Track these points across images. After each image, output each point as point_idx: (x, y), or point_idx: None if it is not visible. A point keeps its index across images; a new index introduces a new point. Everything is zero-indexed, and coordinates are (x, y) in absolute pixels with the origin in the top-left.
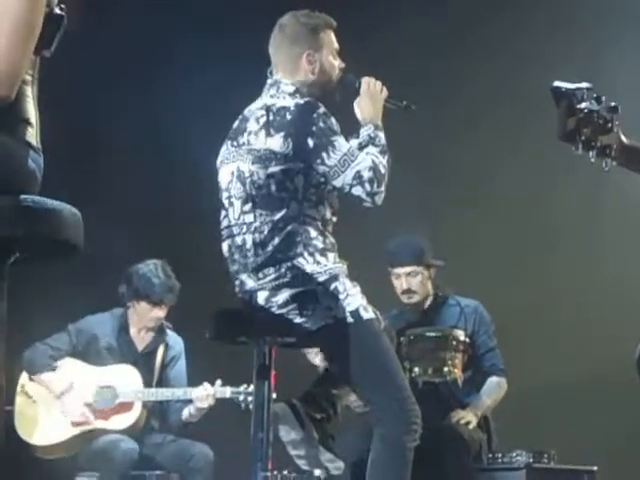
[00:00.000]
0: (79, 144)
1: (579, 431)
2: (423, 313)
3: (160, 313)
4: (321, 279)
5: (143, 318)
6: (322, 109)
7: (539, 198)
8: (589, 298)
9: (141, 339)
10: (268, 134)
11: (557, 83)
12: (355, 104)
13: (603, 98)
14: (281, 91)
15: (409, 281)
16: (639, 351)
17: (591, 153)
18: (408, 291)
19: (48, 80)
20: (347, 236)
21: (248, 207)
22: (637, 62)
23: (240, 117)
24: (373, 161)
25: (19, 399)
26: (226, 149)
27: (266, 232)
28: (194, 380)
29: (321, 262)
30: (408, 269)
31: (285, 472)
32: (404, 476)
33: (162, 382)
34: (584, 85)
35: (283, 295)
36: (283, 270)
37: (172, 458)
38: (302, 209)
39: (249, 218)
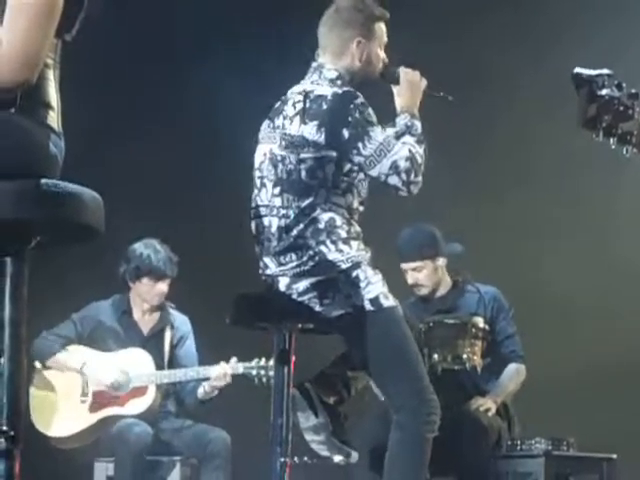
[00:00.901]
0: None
1: (598, 419)
2: (442, 300)
3: (163, 287)
4: (343, 267)
5: (147, 296)
6: (360, 99)
7: (559, 184)
8: (610, 285)
9: (146, 322)
10: (303, 121)
11: (578, 70)
12: (394, 94)
13: (624, 85)
14: (323, 77)
15: (415, 276)
16: None
17: (612, 140)
18: (416, 285)
19: (69, 64)
20: (366, 224)
21: (277, 190)
22: None
23: (282, 98)
24: (410, 150)
25: (32, 392)
26: (265, 128)
27: (292, 217)
28: (203, 359)
29: (344, 250)
30: (412, 265)
31: (305, 458)
32: (421, 466)
33: (172, 363)
34: (605, 72)
35: (303, 283)
36: (305, 258)
37: (190, 443)
38: (329, 197)
39: (277, 202)
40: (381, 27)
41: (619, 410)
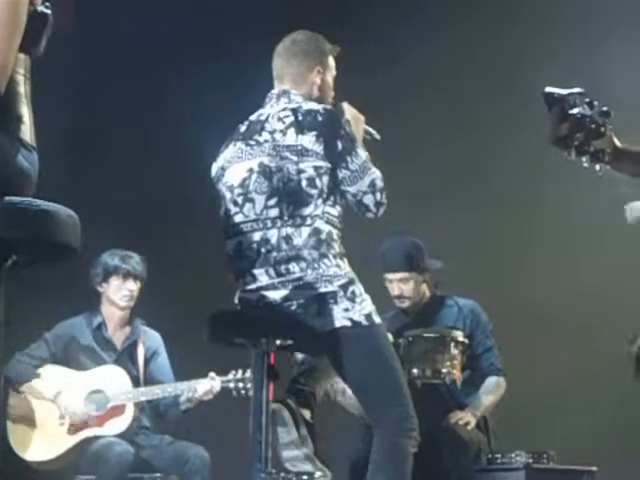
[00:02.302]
0: (64, 144)
1: (578, 431)
2: (420, 314)
3: (132, 286)
4: (341, 282)
5: (115, 297)
6: (345, 117)
7: (540, 195)
8: (589, 298)
9: (118, 336)
10: (300, 132)
11: (549, 89)
12: None
13: (595, 102)
14: (292, 99)
15: (401, 287)
16: (637, 346)
17: (584, 158)
18: (400, 296)
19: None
20: (348, 234)
21: (273, 202)
22: (628, 57)
23: (247, 122)
24: (379, 173)
25: (10, 415)
26: (236, 149)
27: (294, 227)
28: (177, 374)
29: (341, 265)
30: (399, 275)
31: (283, 474)
32: (405, 479)
33: (148, 378)
34: (576, 90)
35: (304, 295)
36: (309, 271)
37: (169, 461)
38: (325, 208)
39: (274, 212)
40: (332, 61)
41: (599, 423)
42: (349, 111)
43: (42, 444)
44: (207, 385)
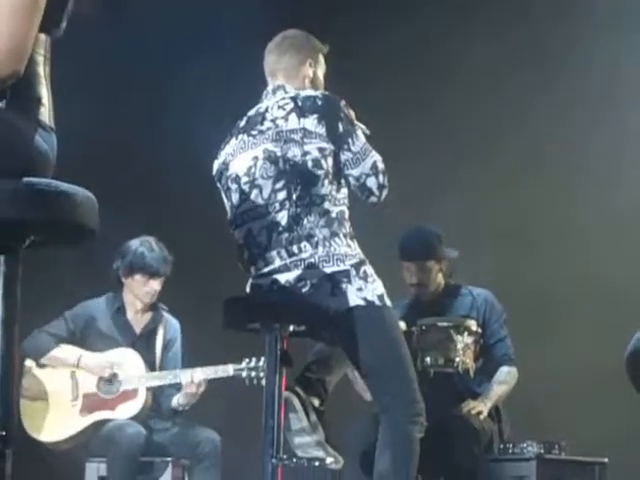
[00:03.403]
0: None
1: (590, 422)
2: (434, 303)
3: (155, 285)
4: (353, 261)
5: (139, 293)
6: (344, 101)
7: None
8: (603, 287)
9: (138, 321)
10: (302, 116)
11: None
12: None
13: None
14: (288, 92)
15: (419, 276)
16: (630, 348)
17: None
18: (417, 285)
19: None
20: (357, 224)
21: (280, 185)
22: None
23: (246, 117)
24: (379, 156)
25: (23, 395)
26: (239, 141)
27: (303, 206)
28: (192, 364)
29: (351, 245)
30: (418, 264)
31: (294, 459)
32: (412, 464)
33: (163, 365)
34: None
35: (317, 274)
36: (320, 249)
37: (180, 444)
38: (333, 190)
39: (282, 195)
40: (322, 58)
41: (611, 414)
42: None
43: (54, 425)
44: (188, 377)
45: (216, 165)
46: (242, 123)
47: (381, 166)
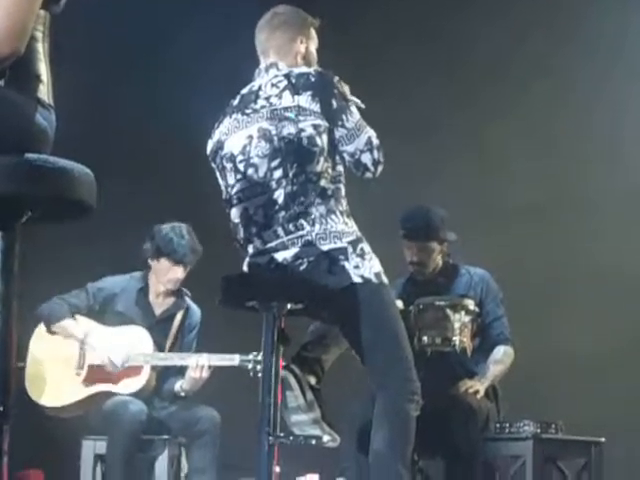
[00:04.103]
0: (97, 100)
1: (586, 402)
2: (432, 282)
3: (179, 273)
4: (350, 239)
5: (162, 277)
6: (338, 77)
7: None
8: (605, 270)
9: (159, 304)
10: (296, 93)
11: None
12: None
13: None
14: (281, 69)
15: (420, 255)
16: None
17: None
18: (418, 264)
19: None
20: (353, 203)
21: (276, 163)
22: None
23: (239, 96)
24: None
25: (31, 358)
26: (232, 120)
27: (299, 184)
28: (211, 349)
29: (348, 223)
30: (421, 244)
31: (291, 437)
32: (408, 442)
33: (173, 349)
34: None
35: (314, 252)
36: (317, 226)
37: (179, 423)
38: (328, 167)
39: (278, 173)
40: (313, 31)
41: (607, 393)
42: None
43: (56, 391)
44: (193, 360)
45: (210, 144)
46: (235, 102)
47: (376, 142)
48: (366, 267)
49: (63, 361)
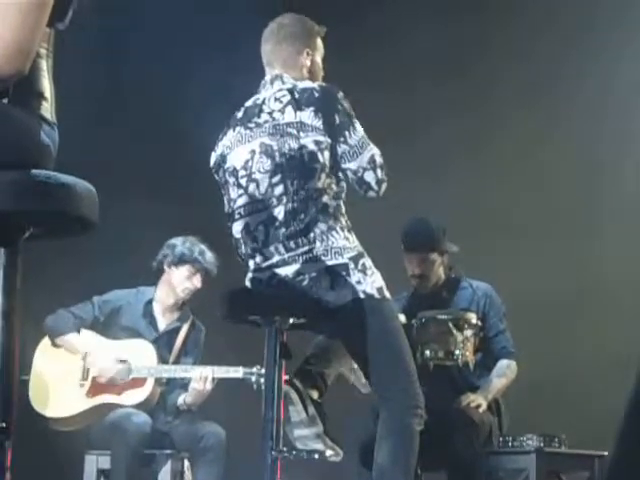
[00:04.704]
0: (96, 116)
1: (590, 415)
2: (435, 295)
3: (198, 282)
4: (351, 254)
5: (178, 285)
6: (342, 93)
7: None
8: (602, 281)
9: (165, 318)
10: (298, 109)
11: None
12: None
13: None
14: (285, 82)
15: (422, 267)
16: None
17: None
18: (420, 276)
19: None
20: (356, 217)
21: (277, 179)
22: None
23: (243, 108)
24: (378, 149)
25: (35, 369)
26: (236, 134)
27: (300, 201)
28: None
29: (349, 238)
30: (423, 255)
31: (294, 452)
32: (411, 457)
33: (177, 363)
34: None
35: (316, 267)
36: (318, 242)
37: (183, 438)
38: (330, 183)
39: (279, 190)
40: (320, 41)
41: (611, 407)
42: None
43: (59, 402)
44: (197, 373)
45: (213, 157)
46: (239, 114)
47: (379, 160)
48: (368, 282)
49: (67, 373)
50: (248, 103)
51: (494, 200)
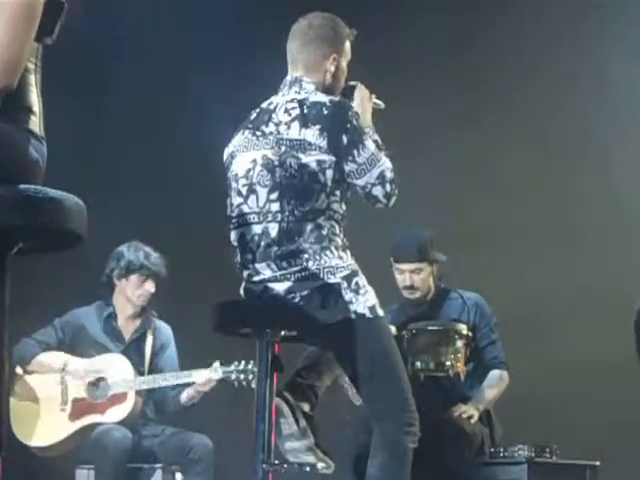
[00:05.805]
0: (78, 132)
1: (581, 426)
2: (425, 306)
3: (151, 287)
4: (345, 273)
5: (132, 295)
6: (355, 109)
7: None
8: (594, 290)
9: (128, 327)
10: (304, 125)
11: None
12: None
13: None
14: (303, 88)
15: (412, 278)
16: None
17: None
18: (411, 287)
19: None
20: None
21: (275, 196)
22: None
23: (258, 110)
24: (390, 162)
25: (13, 401)
26: (244, 137)
27: (295, 222)
28: (185, 366)
29: (343, 257)
30: (413, 266)
31: (285, 464)
32: (404, 475)
33: (153, 370)
34: None
35: (307, 286)
36: (310, 262)
37: (171, 450)
38: (329, 203)
39: (275, 207)
40: (349, 45)
41: (602, 417)
42: (361, 91)
43: (43, 430)
44: (206, 375)
45: (226, 154)
46: (253, 116)
47: (389, 175)
48: (360, 302)
49: (46, 399)
50: (263, 105)
51: (479, 212)
